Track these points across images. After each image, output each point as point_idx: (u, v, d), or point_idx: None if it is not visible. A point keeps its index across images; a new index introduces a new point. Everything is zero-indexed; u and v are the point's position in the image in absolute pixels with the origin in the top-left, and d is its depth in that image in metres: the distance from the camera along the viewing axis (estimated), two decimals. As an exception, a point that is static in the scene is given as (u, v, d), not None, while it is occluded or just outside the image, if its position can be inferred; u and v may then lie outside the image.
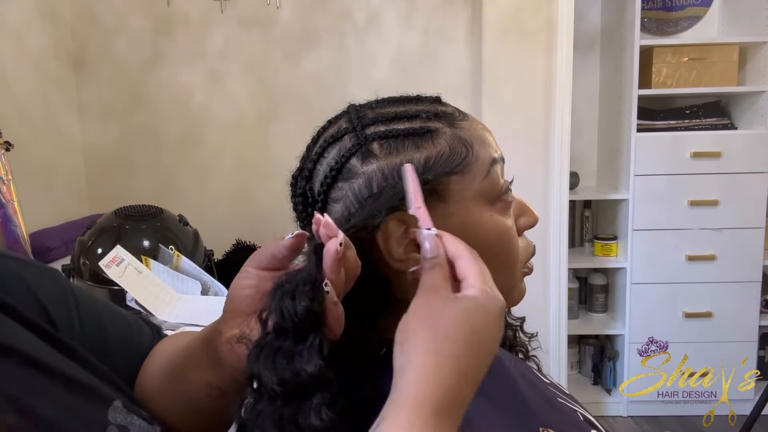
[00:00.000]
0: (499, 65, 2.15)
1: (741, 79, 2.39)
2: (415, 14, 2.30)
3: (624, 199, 2.36)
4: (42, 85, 2.08)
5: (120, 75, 2.31)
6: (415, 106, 0.53)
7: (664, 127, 2.36)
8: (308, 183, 0.53)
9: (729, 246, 2.30)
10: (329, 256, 0.42)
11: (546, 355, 2.22)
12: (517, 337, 0.72)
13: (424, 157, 0.50)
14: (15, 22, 1.94)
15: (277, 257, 0.48)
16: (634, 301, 2.37)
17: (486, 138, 0.54)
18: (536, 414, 0.53)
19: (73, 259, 1.51)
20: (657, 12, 2.52)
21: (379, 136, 0.50)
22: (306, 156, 0.54)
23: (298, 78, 2.32)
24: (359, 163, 0.50)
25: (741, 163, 2.27)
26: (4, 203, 1.62)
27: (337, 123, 0.54)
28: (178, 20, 2.28)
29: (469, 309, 0.41)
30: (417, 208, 0.45)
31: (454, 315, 0.40)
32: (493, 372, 0.54)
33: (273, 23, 2.29)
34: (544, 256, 2.19)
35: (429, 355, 0.39)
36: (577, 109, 2.44)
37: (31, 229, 1.77)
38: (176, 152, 2.35)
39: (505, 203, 0.54)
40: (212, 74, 2.32)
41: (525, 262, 0.57)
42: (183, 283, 1.40)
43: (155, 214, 1.55)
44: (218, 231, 1.96)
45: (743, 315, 2.32)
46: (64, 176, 2.19)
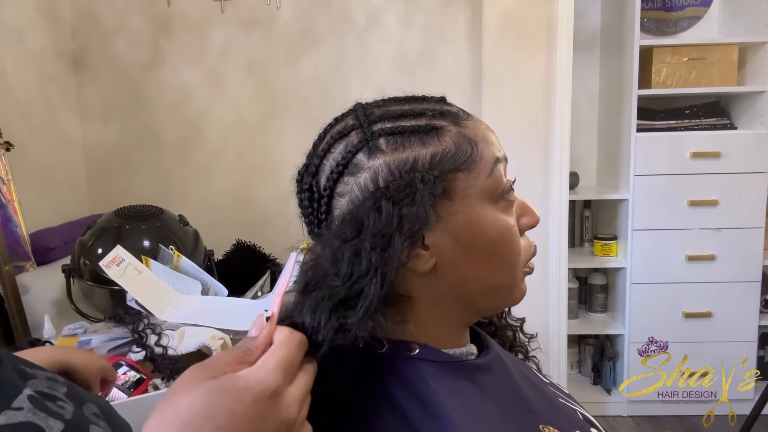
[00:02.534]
0: (499, 65, 2.15)
1: (741, 79, 2.39)
2: (415, 14, 2.30)
3: (624, 199, 2.36)
4: (42, 85, 2.09)
5: (120, 75, 2.31)
6: (421, 105, 0.54)
7: (664, 127, 2.36)
8: (314, 178, 0.53)
9: (729, 246, 2.30)
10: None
11: (546, 355, 2.22)
12: (517, 337, 0.72)
13: (430, 153, 0.50)
14: (15, 21, 1.94)
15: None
16: (634, 301, 2.37)
17: (489, 137, 0.54)
18: (537, 412, 0.53)
19: (73, 259, 1.51)
20: (657, 12, 2.52)
21: (385, 133, 0.51)
22: (312, 152, 0.55)
23: (298, 78, 2.32)
24: (366, 158, 0.50)
25: (741, 163, 2.27)
26: (4, 203, 1.62)
27: (344, 120, 0.54)
28: (178, 20, 2.28)
29: (222, 389, 0.36)
30: (276, 294, 0.45)
31: (199, 395, 0.36)
32: (494, 371, 0.54)
33: (273, 23, 2.29)
34: (544, 256, 2.19)
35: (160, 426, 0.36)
36: (577, 109, 2.45)
37: (31, 229, 1.77)
38: (176, 152, 2.35)
39: (507, 202, 0.54)
40: (212, 74, 2.32)
41: (526, 262, 0.57)
42: (183, 283, 1.40)
43: (155, 214, 1.55)
44: (218, 231, 1.96)
45: (743, 315, 2.33)
46: (64, 176, 2.19)
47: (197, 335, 1.18)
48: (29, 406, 0.50)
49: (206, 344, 1.16)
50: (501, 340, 0.69)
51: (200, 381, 0.37)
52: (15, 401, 0.50)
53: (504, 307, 0.61)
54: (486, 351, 0.57)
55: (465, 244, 0.51)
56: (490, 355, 0.56)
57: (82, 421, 0.54)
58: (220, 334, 1.20)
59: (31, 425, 0.49)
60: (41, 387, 0.54)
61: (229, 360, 0.39)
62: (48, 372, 0.58)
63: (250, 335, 0.42)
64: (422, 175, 0.49)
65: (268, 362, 0.39)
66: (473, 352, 0.57)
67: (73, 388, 0.57)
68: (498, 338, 0.69)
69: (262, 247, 1.89)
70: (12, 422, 0.48)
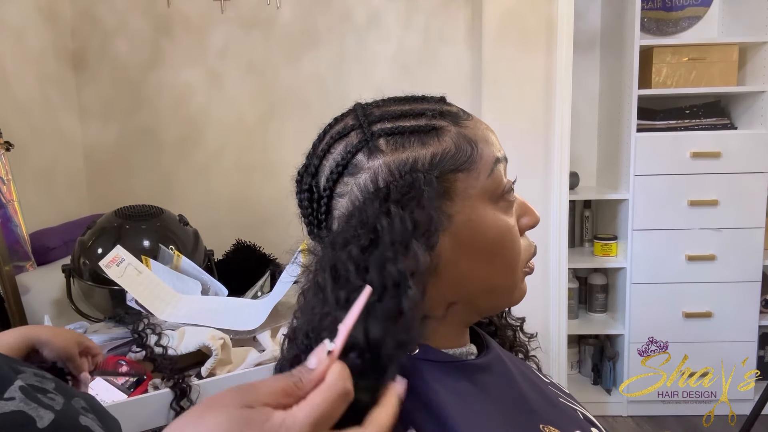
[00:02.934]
0: (499, 65, 2.15)
1: (741, 79, 2.39)
2: (415, 14, 2.30)
3: (624, 199, 2.36)
4: (42, 85, 2.08)
5: (120, 75, 2.31)
6: (421, 105, 0.54)
7: (664, 127, 2.36)
8: (314, 179, 0.53)
9: (729, 246, 2.30)
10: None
11: (546, 355, 2.22)
12: (517, 337, 0.72)
13: (430, 153, 0.50)
14: (15, 21, 1.94)
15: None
16: (634, 301, 2.37)
17: (489, 137, 0.54)
18: (537, 412, 0.53)
19: (73, 259, 1.51)
20: (657, 12, 2.52)
21: (385, 133, 0.51)
22: (312, 152, 0.55)
23: (298, 78, 2.32)
24: (365, 159, 0.50)
25: (741, 163, 2.27)
26: (4, 203, 1.62)
27: (344, 120, 0.54)
28: (178, 20, 2.28)
29: (249, 422, 0.33)
30: (343, 325, 0.39)
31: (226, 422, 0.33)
32: (494, 371, 0.54)
33: (273, 23, 2.29)
34: (544, 256, 2.19)
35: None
36: (577, 109, 2.45)
37: (31, 229, 1.77)
38: (176, 152, 2.35)
39: (507, 202, 0.54)
40: (212, 74, 2.32)
41: (526, 262, 0.57)
42: (183, 283, 1.40)
43: (155, 214, 1.55)
44: (218, 231, 1.96)
45: (743, 315, 2.33)
46: (64, 176, 2.19)
47: (197, 335, 1.18)
48: (20, 396, 0.50)
49: (206, 344, 1.16)
50: (501, 340, 0.69)
51: (234, 406, 0.34)
52: (7, 392, 0.50)
53: (504, 307, 0.61)
54: (486, 351, 0.57)
55: (465, 244, 0.51)
56: (490, 355, 0.56)
57: (72, 413, 0.54)
58: (220, 334, 1.20)
59: (22, 414, 0.49)
60: (31, 381, 0.55)
61: (275, 390, 0.35)
62: (35, 369, 0.58)
63: (309, 365, 0.37)
64: (424, 176, 0.49)
65: (304, 410, 0.34)
66: (473, 352, 0.57)
67: (60, 384, 0.58)
68: (498, 338, 0.69)
69: (262, 248, 1.89)
70: (3, 411, 0.48)
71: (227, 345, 1.19)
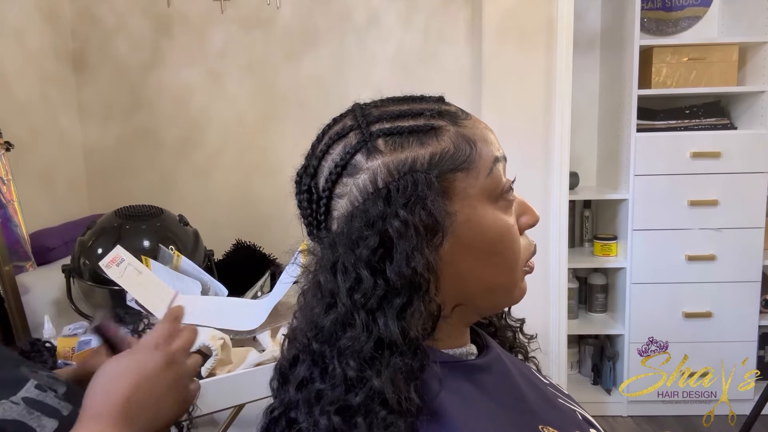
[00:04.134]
0: (499, 65, 2.15)
1: (741, 79, 2.39)
2: (415, 14, 2.30)
3: (624, 199, 2.36)
4: (42, 85, 2.09)
5: (120, 75, 2.31)
6: (419, 105, 0.53)
7: (664, 127, 2.36)
8: (313, 179, 0.53)
9: (729, 246, 2.30)
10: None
11: (546, 355, 2.21)
12: (516, 338, 0.72)
13: (429, 153, 0.50)
14: (15, 21, 1.94)
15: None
16: (634, 301, 2.37)
17: (488, 137, 0.54)
18: (536, 412, 0.53)
19: (73, 259, 1.51)
20: (657, 12, 2.52)
21: (384, 133, 0.51)
22: (311, 153, 0.55)
23: (298, 78, 2.32)
24: (364, 159, 0.50)
25: (741, 163, 2.27)
26: (4, 203, 1.62)
27: (342, 121, 0.54)
28: (178, 20, 2.28)
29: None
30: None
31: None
32: (494, 371, 0.54)
33: (273, 23, 2.29)
34: (544, 255, 2.19)
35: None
36: (577, 109, 2.44)
37: (31, 229, 1.77)
38: (176, 152, 2.35)
39: (507, 202, 0.54)
40: (212, 74, 2.32)
41: (526, 261, 0.57)
42: (183, 283, 1.40)
43: (155, 214, 1.55)
44: (218, 231, 1.96)
45: (743, 315, 2.32)
46: (64, 176, 2.19)
47: (197, 335, 1.18)
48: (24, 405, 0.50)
49: (206, 344, 1.16)
50: (501, 341, 0.69)
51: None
52: (21, 391, 0.51)
53: (504, 306, 0.61)
54: (486, 351, 0.57)
55: (465, 243, 0.51)
56: (490, 355, 0.56)
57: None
58: (220, 334, 1.20)
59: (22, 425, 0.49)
60: (43, 381, 0.55)
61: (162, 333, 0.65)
62: (48, 371, 0.59)
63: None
64: (424, 176, 0.49)
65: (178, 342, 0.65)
66: (473, 352, 0.57)
67: (72, 388, 0.58)
68: (498, 338, 0.69)
69: (262, 248, 1.89)
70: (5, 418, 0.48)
71: (227, 345, 1.19)
